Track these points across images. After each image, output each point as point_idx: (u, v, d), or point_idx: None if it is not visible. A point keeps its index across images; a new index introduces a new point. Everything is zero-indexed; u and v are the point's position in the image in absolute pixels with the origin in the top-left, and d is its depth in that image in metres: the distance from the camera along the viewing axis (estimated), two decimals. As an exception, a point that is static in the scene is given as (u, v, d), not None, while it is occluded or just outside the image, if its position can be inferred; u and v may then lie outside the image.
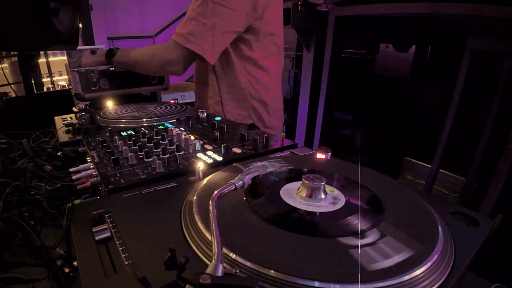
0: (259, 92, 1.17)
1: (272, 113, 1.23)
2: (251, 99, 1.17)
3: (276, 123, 1.27)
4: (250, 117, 1.19)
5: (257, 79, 1.16)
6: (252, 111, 1.19)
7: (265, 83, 1.18)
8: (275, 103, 1.25)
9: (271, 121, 1.23)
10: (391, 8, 1.98)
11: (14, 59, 2.03)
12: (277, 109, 1.26)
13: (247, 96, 1.16)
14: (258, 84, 1.17)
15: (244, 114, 1.18)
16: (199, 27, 0.98)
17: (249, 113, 1.19)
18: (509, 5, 1.44)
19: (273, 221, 0.41)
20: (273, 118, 1.24)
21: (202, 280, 0.27)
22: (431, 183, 2.13)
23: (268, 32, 1.12)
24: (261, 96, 1.18)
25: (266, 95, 1.19)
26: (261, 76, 1.16)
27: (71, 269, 0.48)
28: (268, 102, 1.20)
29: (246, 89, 1.15)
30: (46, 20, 1.12)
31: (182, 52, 1.02)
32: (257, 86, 1.17)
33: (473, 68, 1.81)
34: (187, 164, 0.67)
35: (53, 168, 0.85)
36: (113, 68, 1.23)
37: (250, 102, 1.17)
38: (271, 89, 1.21)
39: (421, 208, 0.46)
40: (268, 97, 1.20)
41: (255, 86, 1.16)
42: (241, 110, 1.19)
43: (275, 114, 1.25)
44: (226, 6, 0.98)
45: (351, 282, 0.31)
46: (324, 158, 0.65)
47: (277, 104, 1.26)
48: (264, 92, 1.19)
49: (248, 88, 1.15)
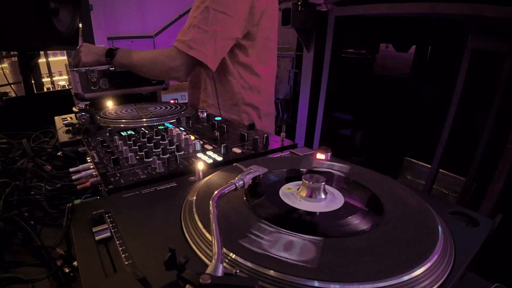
0: (251, 97, 1.19)
1: (263, 117, 1.25)
2: (243, 104, 1.19)
3: (268, 127, 1.29)
4: (242, 122, 1.20)
5: (250, 84, 1.18)
6: (244, 115, 1.21)
7: (258, 88, 1.20)
8: (267, 107, 1.27)
9: (262, 125, 1.25)
10: (391, 8, 1.98)
11: (14, 59, 2.03)
12: (268, 114, 1.28)
13: (240, 101, 1.18)
14: (251, 89, 1.18)
15: (236, 119, 1.20)
16: (201, 34, 0.99)
17: (240, 118, 1.20)
18: (509, 5, 1.44)
19: (273, 221, 0.41)
20: (264, 122, 1.26)
21: (202, 280, 0.27)
22: (431, 183, 2.13)
23: (263, 38, 1.14)
24: (253, 101, 1.20)
25: (258, 101, 1.21)
26: (254, 81, 1.18)
27: (71, 269, 0.48)
28: (260, 107, 1.22)
29: (239, 94, 1.17)
30: (46, 20, 1.12)
31: (185, 59, 1.02)
32: (250, 91, 1.18)
33: (473, 68, 1.81)
34: (187, 164, 0.67)
35: (53, 168, 0.85)
36: (113, 68, 1.23)
37: (242, 107, 1.19)
38: (263, 93, 1.23)
39: (421, 208, 0.46)
40: (260, 102, 1.22)
41: (248, 92, 1.18)
42: (233, 115, 1.21)
43: (266, 118, 1.27)
44: (226, 14, 0.99)
45: (351, 282, 0.31)
46: (324, 158, 0.65)
47: (268, 108, 1.29)
48: (257, 97, 1.21)
49: (241, 93, 1.17)
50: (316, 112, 2.78)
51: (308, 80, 2.83)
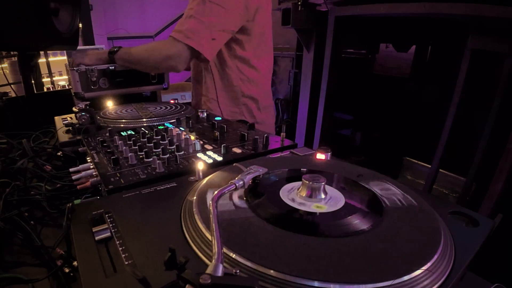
0: (250, 89, 1.24)
1: (263, 109, 1.30)
2: (242, 96, 1.24)
3: (267, 118, 1.34)
4: (242, 114, 1.25)
5: (248, 77, 1.22)
6: (243, 107, 1.26)
7: (256, 81, 1.25)
8: (265, 100, 1.32)
9: (262, 117, 1.30)
10: (391, 8, 1.98)
11: (14, 59, 2.03)
12: (267, 106, 1.33)
13: (239, 93, 1.23)
14: (249, 82, 1.23)
15: (236, 111, 1.25)
16: (197, 24, 1.04)
17: (240, 110, 1.25)
18: (509, 5, 1.43)
19: (273, 221, 0.41)
20: (263, 114, 1.31)
21: (202, 280, 0.27)
22: (431, 183, 2.13)
23: (259, 33, 1.19)
24: (252, 93, 1.25)
25: (257, 93, 1.26)
26: (252, 74, 1.23)
27: (71, 269, 0.48)
28: (259, 99, 1.27)
29: (238, 87, 1.22)
30: (46, 20, 1.12)
31: (181, 47, 1.06)
32: (248, 84, 1.23)
33: (473, 68, 1.81)
34: (187, 164, 0.67)
35: (53, 168, 0.85)
36: (113, 67, 1.23)
37: (241, 99, 1.24)
38: (261, 86, 1.28)
39: (421, 208, 0.46)
40: (259, 95, 1.27)
41: (247, 84, 1.23)
42: (233, 107, 1.25)
43: (266, 110, 1.32)
44: (221, 6, 1.04)
45: (351, 282, 0.31)
46: (324, 158, 0.65)
47: (267, 101, 1.34)
48: (255, 90, 1.25)
49: (240, 86, 1.22)
50: (316, 112, 2.78)
51: (308, 80, 2.83)
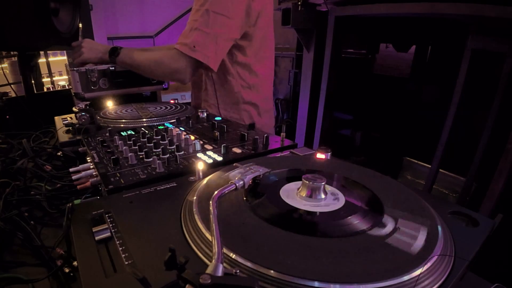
0: (250, 95, 1.22)
1: (263, 114, 1.28)
2: (243, 102, 1.22)
3: (267, 123, 1.33)
4: (242, 120, 1.23)
5: (249, 83, 1.21)
6: (244, 113, 1.24)
7: (257, 87, 1.23)
8: (266, 104, 1.30)
9: (262, 122, 1.28)
10: (391, 8, 1.98)
11: (14, 59, 2.03)
12: (267, 110, 1.32)
13: (239, 99, 1.21)
14: (250, 88, 1.22)
15: (236, 117, 1.23)
16: (202, 36, 1.01)
17: (241, 116, 1.23)
18: (509, 5, 1.43)
19: (273, 221, 0.41)
20: (264, 119, 1.29)
21: (202, 280, 0.27)
22: (431, 183, 2.13)
23: (261, 37, 1.17)
24: (252, 99, 1.23)
25: (257, 98, 1.24)
26: (253, 80, 1.21)
27: (71, 269, 0.48)
28: (259, 105, 1.25)
29: (239, 93, 1.20)
30: (46, 20, 1.12)
31: (188, 61, 1.04)
32: (248, 90, 1.22)
33: (473, 68, 1.81)
34: (187, 164, 0.67)
35: (53, 168, 0.85)
36: (113, 68, 1.23)
37: (242, 105, 1.22)
38: (262, 92, 1.26)
39: (421, 208, 0.46)
40: (259, 100, 1.25)
41: (247, 90, 1.21)
42: (233, 113, 1.24)
43: (266, 114, 1.31)
44: (225, 16, 1.02)
45: (351, 282, 0.31)
46: (324, 158, 0.65)
47: (267, 105, 1.32)
48: (256, 96, 1.24)
49: (240, 92, 1.20)
50: (316, 112, 2.78)
51: (308, 80, 2.83)
